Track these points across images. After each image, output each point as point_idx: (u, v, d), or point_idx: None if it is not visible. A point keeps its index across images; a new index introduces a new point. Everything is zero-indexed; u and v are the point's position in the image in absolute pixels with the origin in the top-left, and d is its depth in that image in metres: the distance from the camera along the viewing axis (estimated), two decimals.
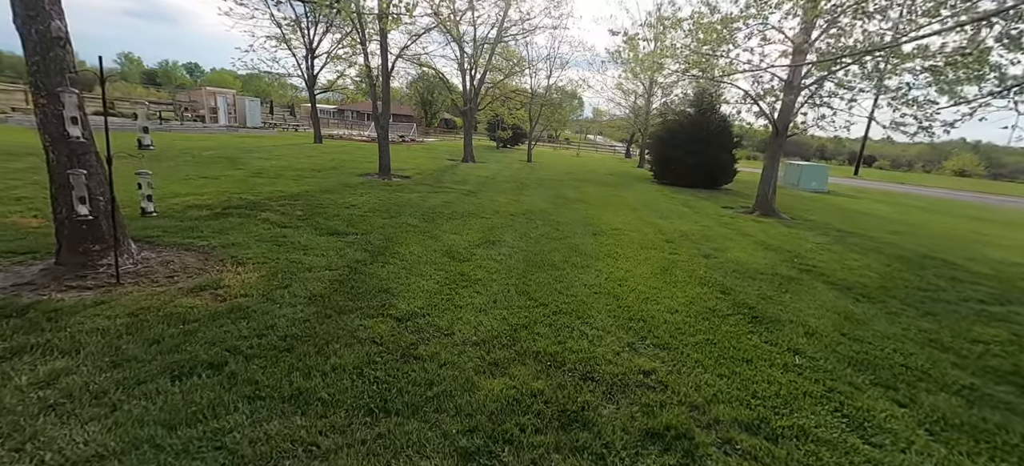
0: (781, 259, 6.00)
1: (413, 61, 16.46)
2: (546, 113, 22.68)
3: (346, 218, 6.20)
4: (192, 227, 5.07)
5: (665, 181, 16.65)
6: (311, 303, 3.36)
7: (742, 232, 7.85)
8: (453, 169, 14.90)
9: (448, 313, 3.41)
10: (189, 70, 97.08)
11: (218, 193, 7.07)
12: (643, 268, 5.05)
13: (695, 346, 3.15)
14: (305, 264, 4.20)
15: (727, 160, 16.03)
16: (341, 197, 7.72)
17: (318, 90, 20.60)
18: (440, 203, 8.07)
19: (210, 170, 9.42)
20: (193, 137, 17.23)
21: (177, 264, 3.90)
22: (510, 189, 11.10)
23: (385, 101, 10.78)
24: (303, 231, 5.39)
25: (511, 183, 12.44)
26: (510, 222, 6.98)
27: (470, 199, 8.87)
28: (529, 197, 9.99)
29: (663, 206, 10.50)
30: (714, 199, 12.88)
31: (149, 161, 9.79)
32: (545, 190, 11.58)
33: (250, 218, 5.75)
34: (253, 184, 8.21)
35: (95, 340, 2.57)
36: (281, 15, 18.03)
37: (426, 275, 4.22)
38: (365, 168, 12.28)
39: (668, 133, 16.52)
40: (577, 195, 11.14)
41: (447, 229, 6.12)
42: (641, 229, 7.42)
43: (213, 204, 6.28)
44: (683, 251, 6.04)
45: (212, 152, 12.65)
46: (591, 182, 14.86)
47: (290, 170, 10.56)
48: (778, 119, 9.80)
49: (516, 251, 5.35)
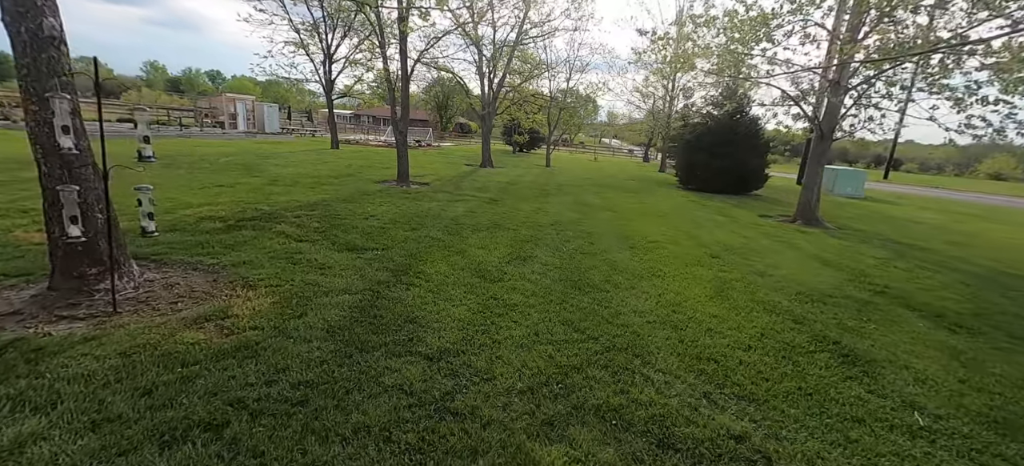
0: (846, 278, 5.36)
1: (431, 65, 16.17)
2: (564, 117, 22.20)
3: (365, 231, 5.79)
4: (203, 242, 4.71)
5: (691, 186, 15.95)
6: (329, 337, 2.92)
7: (791, 244, 7.21)
8: (472, 175, 14.49)
9: (486, 350, 2.93)
10: (211, 77, 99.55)
11: (233, 203, 6.76)
12: (695, 290, 4.50)
13: (787, 398, 2.61)
14: (322, 286, 3.78)
15: (758, 165, 15.26)
16: (359, 207, 7.34)
17: (336, 95, 20.50)
18: (463, 213, 7.63)
19: (226, 177, 9.18)
20: (213, 143, 17.23)
21: (183, 287, 3.52)
22: (533, 196, 10.61)
23: (404, 106, 10.43)
24: (320, 246, 4.99)
25: (533, 190, 11.96)
26: (539, 234, 6.49)
27: (493, 208, 8.42)
28: (554, 205, 9.48)
29: (696, 214, 9.88)
30: (747, 206, 12.16)
31: (165, 169, 9.61)
32: (569, 197, 11.06)
33: (264, 231, 5.39)
34: (269, 193, 7.90)
35: (77, 391, 2.16)
36: (299, 20, 17.98)
37: (456, 299, 3.75)
38: (382, 174, 11.95)
39: (694, 136, 15.82)
40: (603, 202, 10.59)
41: (473, 243, 5.66)
42: (679, 241, 6.84)
43: (226, 215, 5.95)
44: (733, 268, 5.45)
45: (229, 158, 12.50)
46: (614, 188, 14.27)
47: (307, 177, 10.28)
48: (823, 121, 9.10)
49: (551, 269, 4.85)
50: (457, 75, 17.51)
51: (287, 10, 17.57)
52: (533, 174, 16.95)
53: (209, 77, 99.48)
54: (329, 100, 20.03)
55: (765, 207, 12.12)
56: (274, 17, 17.23)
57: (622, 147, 56.11)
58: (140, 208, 3.10)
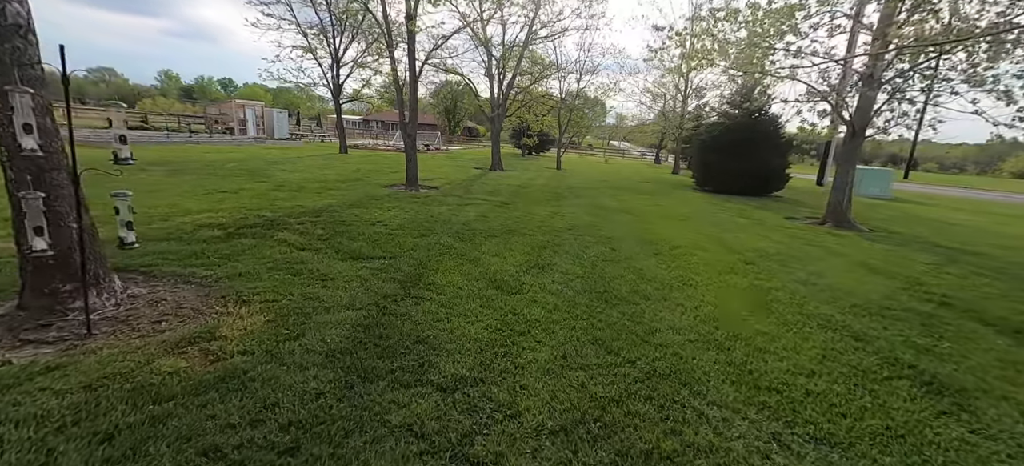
0: (899, 287, 4.86)
1: (440, 66, 15.89)
2: (575, 119, 21.79)
3: (372, 238, 5.43)
4: (198, 252, 4.39)
5: (708, 188, 15.42)
6: (328, 363, 2.54)
7: (828, 249, 6.69)
8: (482, 178, 14.13)
9: (508, 377, 2.53)
10: (223, 85, 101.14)
11: (235, 209, 6.46)
12: (734, 302, 4.05)
13: (875, 441, 2.16)
14: (323, 301, 3.41)
15: (779, 165, 14.68)
16: (366, 212, 7.00)
17: (344, 99, 20.34)
18: (474, 217, 7.25)
19: (231, 183, 8.93)
20: (222, 149, 17.13)
21: (169, 304, 3.18)
22: (546, 200, 10.20)
23: (412, 108, 10.11)
24: (323, 255, 4.64)
25: (546, 193, 11.55)
26: (556, 240, 6.07)
27: (506, 212, 8.02)
28: (569, 209, 9.06)
29: (718, 217, 9.38)
30: (769, 208, 11.61)
31: (170, 176, 9.40)
32: (584, 200, 10.63)
33: (265, 239, 5.06)
34: (273, 198, 7.61)
35: (23, 438, 1.81)
36: (307, 24, 17.85)
37: (471, 315, 3.36)
38: (391, 178, 11.64)
39: (711, 137, 15.29)
40: (619, 205, 10.14)
41: (487, 250, 5.27)
42: (706, 246, 6.38)
43: (227, 223, 5.64)
44: (771, 276, 4.98)
45: (236, 164, 12.30)
46: (629, 190, 13.80)
47: (313, 182, 10.00)
48: (855, 117, 8.56)
49: (572, 279, 4.44)
50: (465, 77, 17.22)
51: (294, 14, 17.48)
52: (544, 177, 16.55)
53: (221, 85, 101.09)
54: (337, 104, 19.88)
55: (789, 209, 11.56)
56: (282, 21, 17.16)
57: (630, 149, 55.40)
58: (118, 217, 2.76)
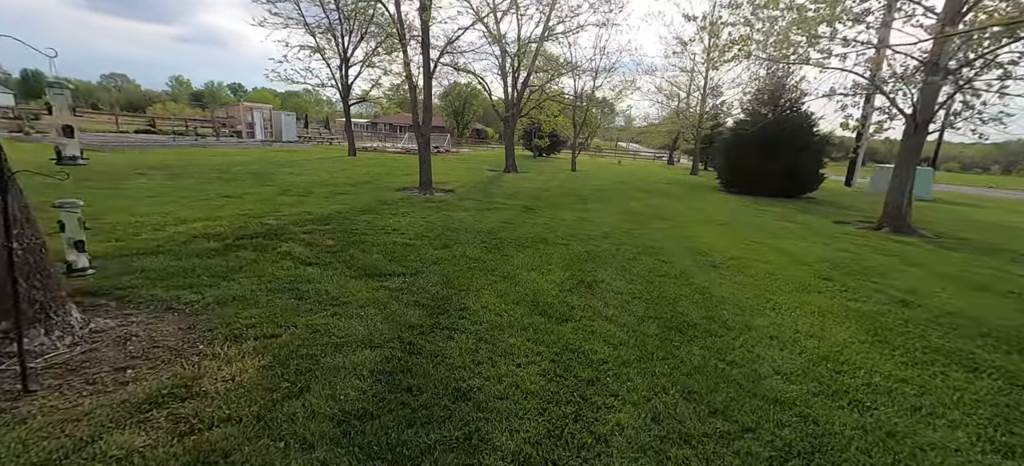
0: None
1: (452, 65, 15.26)
2: (590, 119, 21.04)
3: (389, 249, 4.75)
4: (188, 269, 3.74)
5: (735, 190, 14.57)
6: (342, 438, 1.85)
7: (903, 258, 5.88)
8: (497, 181, 13.45)
9: (591, 460, 1.81)
10: (233, 90, 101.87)
11: (235, 217, 5.82)
12: (838, 331, 3.29)
13: None
14: (334, 335, 2.73)
15: (812, 165, 13.81)
16: (380, 219, 6.33)
17: (353, 101, 19.81)
18: (498, 224, 6.54)
19: (234, 188, 8.33)
20: (228, 152, 16.66)
21: (142, 341, 2.51)
22: (571, 203, 9.48)
23: (426, 107, 9.46)
24: (333, 271, 3.96)
25: (568, 196, 10.82)
26: (595, 250, 5.35)
27: (532, 218, 7.31)
28: (597, 213, 8.33)
29: (761, 222, 8.58)
30: (810, 211, 10.78)
31: (170, 180, 8.83)
32: (611, 204, 9.89)
33: (267, 252, 4.40)
34: (279, 204, 6.98)
35: None
36: (315, 23, 17.34)
37: (519, 354, 2.65)
38: (403, 182, 11.00)
39: (739, 136, 14.46)
40: (649, 209, 9.39)
41: (521, 263, 4.56)
42: (764, 256, 5.62)
43: (225, 232, 4.99)
44: (860, 295, 4.21)
45: (241, 168, 11.74)
46: (653, 192, 13.02)
47: (322, 186, 9.38)
48: (919, 110, 7.72)
49: (628, 300, 3.71)
50: (478, 76, 16.58)
51: (302, 12, 16.99)
52: (561, 179, 15.82)
53: (231, 90, 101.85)
54: (346, 105, 19.36)
55: (831, 212, 10.71)
56: (289, 20, 16.66)
57: (639, 150, 54.35)
58: (63, 234, 2.09)
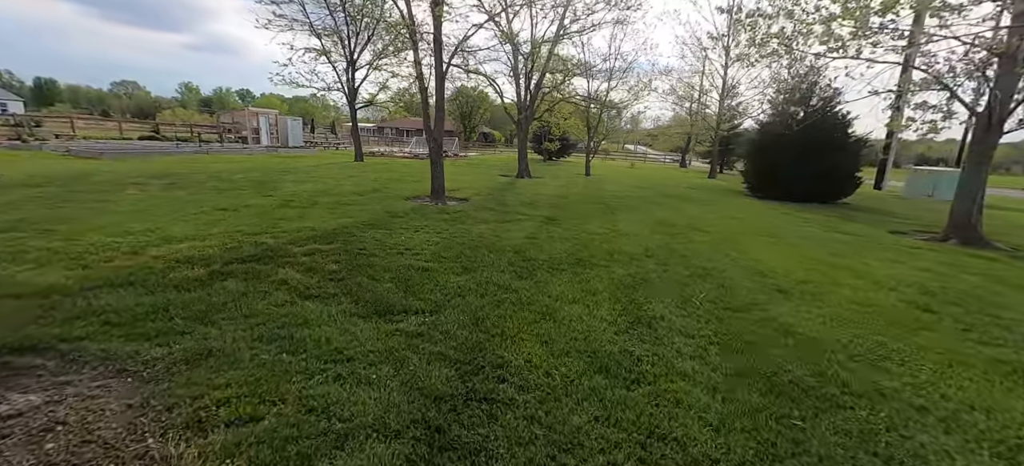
0: None
1: (462, 66, 14.57)
2: (601, 121, 20.25)
3: (402, 275, 4.03)
4: (161, 308, 3.05)
5: (762, 194, 13.71)
6: None
7: (1000, 279, 5.05)
8: (512, 187, 12.72)
9: None
10: (241, 96, 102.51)
11: (228, 234, 5.14)
12: (1004, 397, 2.50)
13: None
14: (336, 416, 2.01)
15: (848, 168, 12.91)
16: (391, 235, 5.62)
17: (359, 104, 19.22)
18: (523, 240, 5.80)
19: (232, 198, 7.68)
20: (231, 159, 16.12)
21: (67, 436, 1.80)
22: (596, 213, 8.72)
23: (439, 109, 8.76)
24: (336, 307, 3.25)
25: (590, 204, 10.06)
26: (639, 273, 4.59)
27: (558, 231, 6.57)
28: (628, 224, 7.57)
29: (810, 233, 7.76)
30: (855, 219, 9.92)
31: (164, 192, 8.21)
32: (639, 213, 9.12)
33: (259, 281, 3.70)
34: (278, 218, 6.30)
35: None
36: (321, 25, 16.79)
37: (589, 445, 1.91)
38: (413, 189, 10.31)
39: (769, 138, 13.62)
40: (683, 219, 8.60)
41: (559, 293, 3.82)
42: (835, 277, 4.83)
43: (214, 255, 4.31)
44: (988, 334, 3.41)
45: (242, 175, 11.14)
46: (679, 198, 12.22)
47: (327, 195, 8.71)
48: (995, 107, 6.86)
49: (703, 344, 2.96)
50: (490, 78, 15.88)
51: (307, 14, 16.43)
52: (579, 184, 15.06)
53: (239, 96, 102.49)
54: (352, 110, 18.77)
55: (878, 219, 9.85)
56: (294, 21, 16.11)
57: (647, 152, 53.27)
58: None
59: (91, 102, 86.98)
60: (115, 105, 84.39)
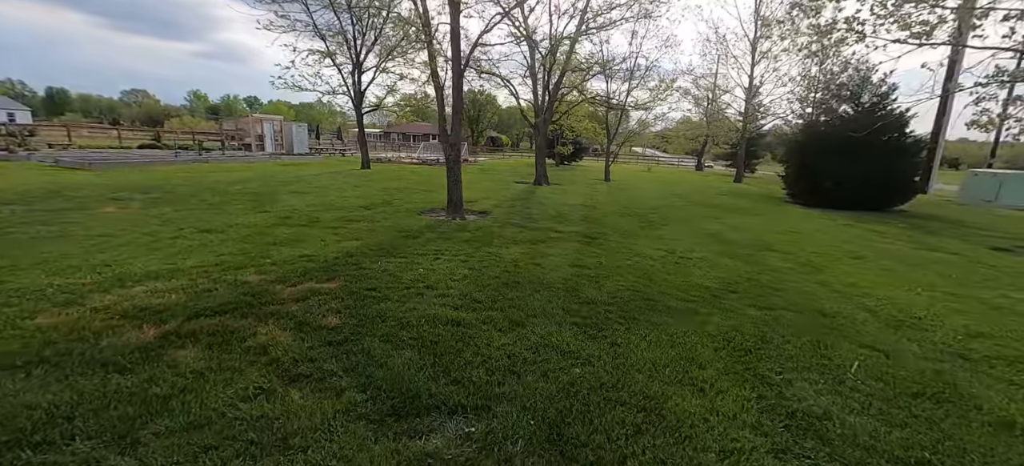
0: None
1: (475, 68, 13.52)
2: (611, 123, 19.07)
3: (428, 339, 2.91)
4: (60, 414, 1.96)
5: (806, 201, 12.43)
6: None
7: None
8: (533, 197, 11.60)
9: None
10: (249, 103, 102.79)
11: (203, 270, 4.07)
12: None
13: None
14: None
15: (907, 172, 11.63)
16: (407, 266, 4.52)
17: (366, 109, 18.25)
18: (570, 270, 4.67)
19: (221, 216, 6.65)
20: (231, 167, 15.18)
21: None
22: (635, 228, 7.57)
23: (456, 110, 7.68)
24: (334, 401, 2.15)
25: (625, 216, 8.91)
26: (742, 323, 3.44)
27: (606, 256, 5.43)
28: (679, 242, 6.42)
29: (895, 251, 6.55)
30: (931, 229, 8.67)
31: (144, 210, 7.19)
32: (682, 226, 7.96)
33: (228, 349, 2.62)
34: (270, 242, 5.24)
35: None
36: (325, 26, 15.85)
37: None
38: (426, 200, 9.24)
39: (815, 139, 12.38)
40: (738, 234, 7.43)
41: (652, 365, 2.68)
42: (1005, 324, 3.64)
43: (174, 306, 3.23)
44: None
45: (240, 186, 10.13)
46: (719, 207, 11.02)
47: (330, 210, 7.65)
48: None
49: None
50: (505, 79, 14.83)
51: (310, 14, 15.49)
52: (603, 192, 13.91)
53: (247, 103, 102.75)
54: (358, 114, 17.79)
55: (955, 230, 8.58)
56: (297, 22, 15.20)
57: (655, 155, 51.83)
58: None
59: (102, 111, 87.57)
60: (125, 113, 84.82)
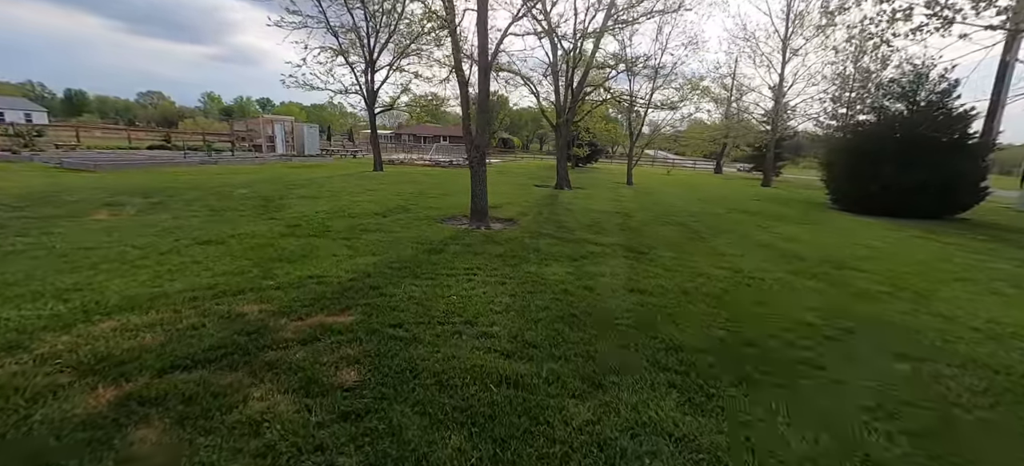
0: None
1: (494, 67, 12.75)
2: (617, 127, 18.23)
3: (479, 407, 2.12)
4: None
5: (854, 207, 11.42)
6: None
7: None
8: (558, 202, 10.79)
9: None
10: (262, 104, 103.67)
11: (191, 296, 3.35)
12: None
13: None
14: None
15: (973, 177, 10.59)
16: (436, 292, 3.74)
17: (379, 108, 17.61)
18: (630, 298, 3.85)
19: (223, 225, 5.96)
20: (239, 170, 14.63)
21: None
22: (683, 240, 6.73)
23: (482, 108, 6.93)
24: None
25: (666, 225, 8.07)
26: (890, 381, 2.60)
27: (663, 275, 4.60)
28: (740, 258, 5.57)
29: (1001, 271, 5.60)
30: (1009, 240, 7.67)
31: (143, 215, 6.55)
32: (732, 237, 7.11)
33: (211, 418, 1.87)
34: (275, 259, 4.51)
35: None
36: (337, 22, 15.25)
37: None
38: (445, 206, 8.50)
39: (866, 140, 11.38)
40: (797, 246, 6.55)
41: (802, 449, 1.86)
42: None
43: (146, 352, 2.49)
44: None
45: (247, 190, 9.50)
46: (759, 214, 10.11)
47: (342, 217, 6.94)
48: None
49: None
50: (525, 78, 14.06)
51: (323, 10, 14.89)
52: (629, 196, 13.05)
53: (260, 105, 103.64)
54: (371, 114, 17.16)
55: None
56: (309, 18, 14.61)
57: (667, 157, 50.41)
58: None
59: (118, 112, 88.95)
60: (141, 115, 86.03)
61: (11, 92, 67.41)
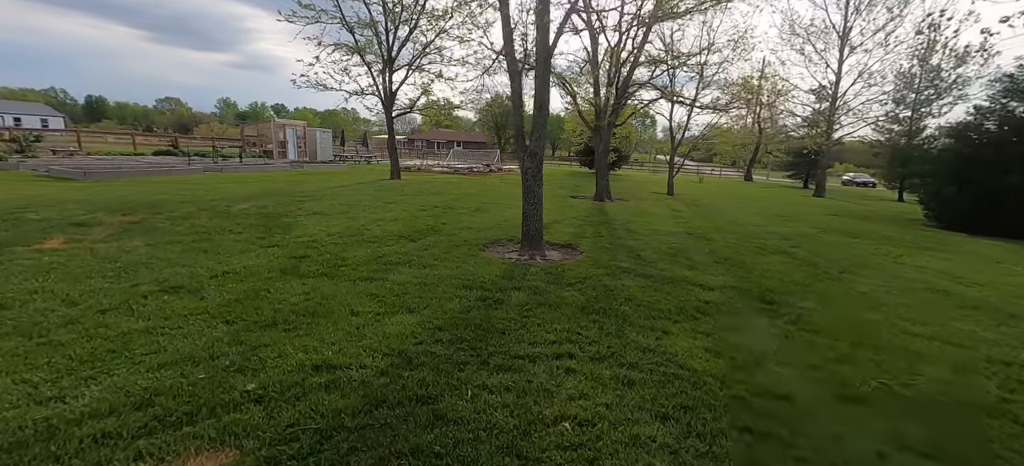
0: None
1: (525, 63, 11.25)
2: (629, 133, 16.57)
3: None
4: None
5: (957, 225, 9.60)
6: None
7: None
8: (608, 219, 9.21)
9: None
10: (276, 110, 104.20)
11: (100, 432, 1.84)
12: None
13: None
14: None
15: None
16: (516, 398, 2.19)
17: (397, 111, 16.25)
18: (843, 410, 2.26)
19: (208, 258, 4.51)
20: (245, 178, 13.32)
21: None
22: (806, 277, 5.11)
23: (540, 106, 5.39)
24: None
25: (761, 253, 6.44)
26: None
27: (856, 366, 2.99)
28: (921, 314, 3.91)
29: None
30: None
31: (129, 233, 5.12)
32: (866, 273, 5.46)
33: None
34: (263, 325, 3.02)
35: None
36: (353, 18, 13.95)
37: None
38: (481, 225, 6.99)
39: (984, 147, 9.55)
40: (993, 296, 4.86)
41: None
42: None
43: None
44: None
45: (250, 204, 8.10)
46: (860, 235, 8.38)
47: (360, 243, 5.46)
48: None
49: None
50: (562, 77, 12.52)
51: (339, 5, 13.60)
52: (684, 210, 11.40)
53: (275, 110, 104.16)
54: (388, 118, 15.81)
55: None
56: (322, 12, 13.32)
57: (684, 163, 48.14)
58: None
59: (136, 117, 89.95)
60: (158, 120, 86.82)
61: (34, 98, 68.25)
